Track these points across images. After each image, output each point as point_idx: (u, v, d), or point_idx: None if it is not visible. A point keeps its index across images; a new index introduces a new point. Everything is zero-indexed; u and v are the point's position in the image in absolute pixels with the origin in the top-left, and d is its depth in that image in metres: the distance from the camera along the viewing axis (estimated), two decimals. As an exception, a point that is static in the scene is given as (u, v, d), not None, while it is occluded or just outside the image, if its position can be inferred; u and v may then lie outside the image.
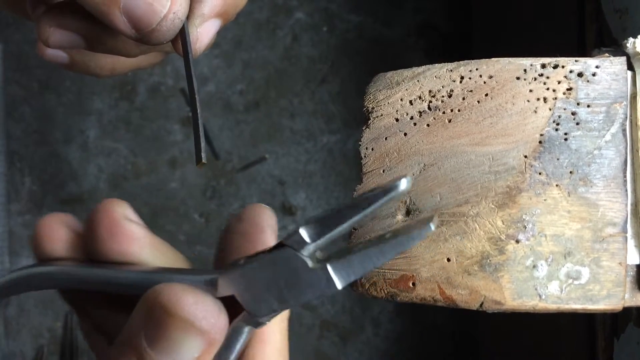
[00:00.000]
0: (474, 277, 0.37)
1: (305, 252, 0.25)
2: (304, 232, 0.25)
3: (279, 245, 0.26)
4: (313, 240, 0.25)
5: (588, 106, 0.37)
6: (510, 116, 0.38)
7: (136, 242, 0.30)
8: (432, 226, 0.25)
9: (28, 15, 0.39)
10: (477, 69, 0.39)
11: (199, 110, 0.34)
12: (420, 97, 0.40)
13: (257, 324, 0.27)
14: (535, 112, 0.37)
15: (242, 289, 0.26)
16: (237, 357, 0.27)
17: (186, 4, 0.33)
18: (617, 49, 0.39)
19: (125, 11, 0.32)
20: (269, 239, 0.30)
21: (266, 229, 0.31)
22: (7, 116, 1.07)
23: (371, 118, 0.40)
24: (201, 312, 0.25)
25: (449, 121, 0.39)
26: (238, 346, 0.27)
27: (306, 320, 1.10)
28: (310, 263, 0.25)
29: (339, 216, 0.25)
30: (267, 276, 0.26)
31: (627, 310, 0.42)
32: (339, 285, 0.25)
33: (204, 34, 0.35)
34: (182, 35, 0.34)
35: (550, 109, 0.37)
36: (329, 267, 0.25)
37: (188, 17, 0.34)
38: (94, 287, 0.29)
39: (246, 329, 0.27)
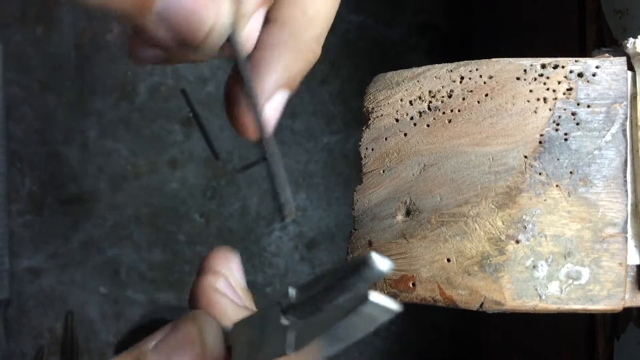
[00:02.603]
0: (474, 277, 0.37)
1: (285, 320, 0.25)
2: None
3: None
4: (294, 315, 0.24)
5: (588, 106, 0.37)
6: (510, 116, 0.38)
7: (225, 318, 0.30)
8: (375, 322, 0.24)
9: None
10: (477, 69, 0.38)
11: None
12: (420, 98, 0.39)
13: None
14: (536, 112, 0.37)
15: (234, 340, 0.27)
16: None
17: (229, 10, 0.26)
18: (617, 49, 0.39)
19: (162, 19, 0.26)
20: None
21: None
22: (7, 116, 1.07)
23: (371, 118, 0.40)
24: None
25: (449, 121, 0.39)
26: None
27: (306, 321, 1.09)
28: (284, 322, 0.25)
29: (322, 297, 0.23)
30: (253, 334, 0.26)
31: (627, 311, 0.42)
32: (288, 351, 0.25)
33: (271, 111, 0.31)
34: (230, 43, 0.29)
35: (550, 109, 0.37)
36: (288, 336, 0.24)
37: (235, 20, 0.27)
38: None
39: None
